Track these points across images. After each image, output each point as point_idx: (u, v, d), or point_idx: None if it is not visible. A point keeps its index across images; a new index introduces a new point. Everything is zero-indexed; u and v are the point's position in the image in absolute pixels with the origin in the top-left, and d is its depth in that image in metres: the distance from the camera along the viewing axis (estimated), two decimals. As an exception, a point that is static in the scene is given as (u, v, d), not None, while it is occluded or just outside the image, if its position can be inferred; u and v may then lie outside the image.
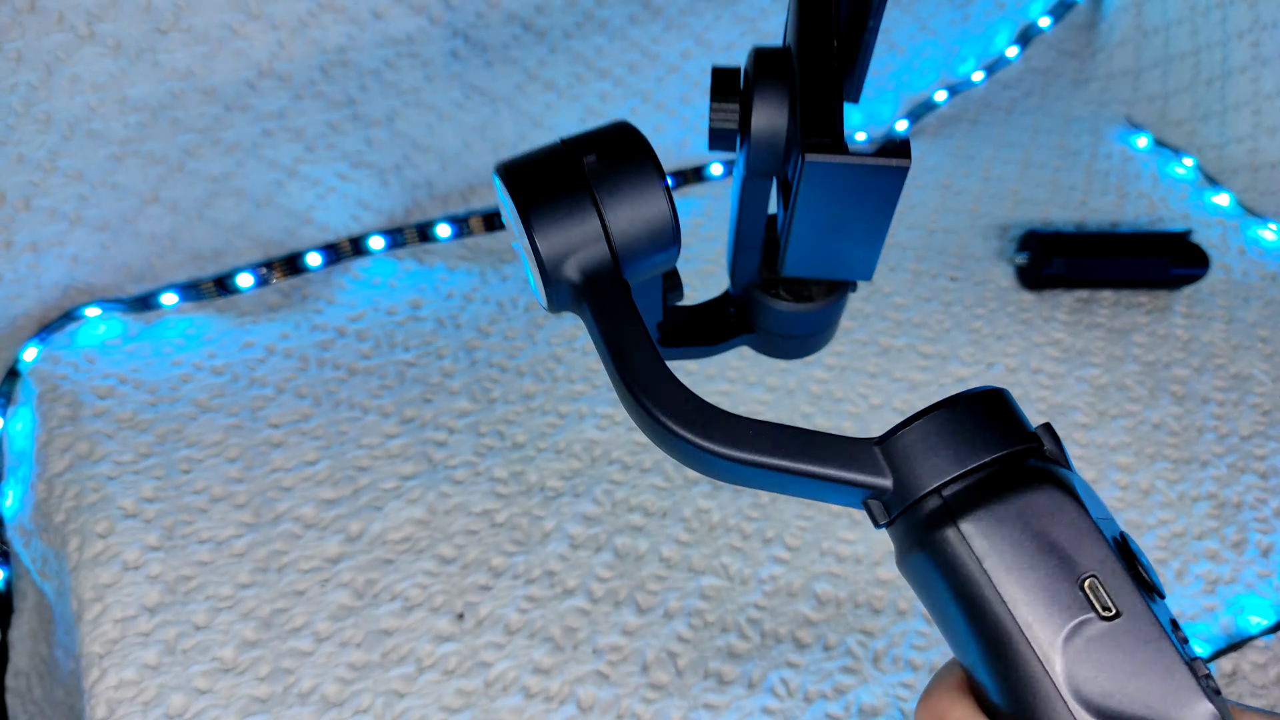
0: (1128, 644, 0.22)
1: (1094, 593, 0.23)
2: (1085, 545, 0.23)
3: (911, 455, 0.24)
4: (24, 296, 0.60)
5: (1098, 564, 0.23)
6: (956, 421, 0.24)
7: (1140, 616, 0.22)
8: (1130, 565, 0.23)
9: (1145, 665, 0.22)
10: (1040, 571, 0.23)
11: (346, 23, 0.60)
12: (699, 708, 0.45)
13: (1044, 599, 0.23)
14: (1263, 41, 0.74)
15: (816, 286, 0.35)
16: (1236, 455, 0.59)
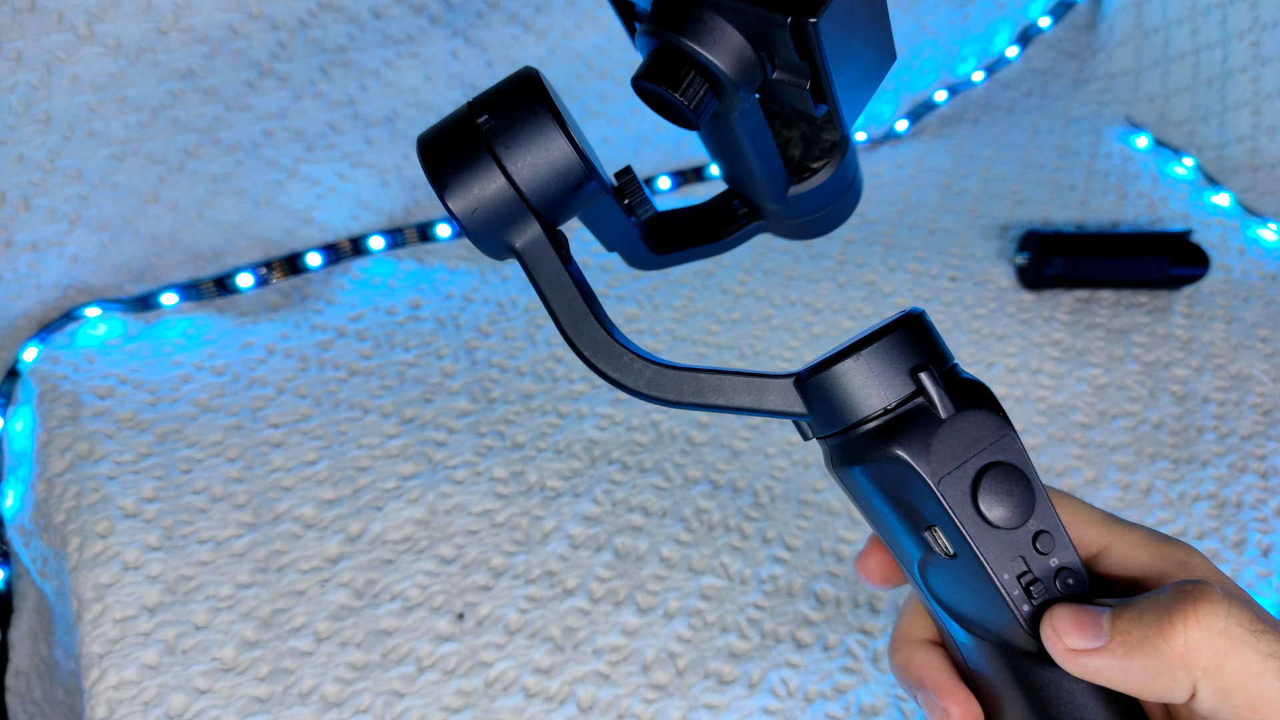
0: (964, 577, 0.28)
1: (934, 539, 0.28)
2: (927, 502, 0.28)
3: (820, 398, 0.29)
4: (24, 296, 0.60)
5: (936, 518, 0.28)
6: (858, 371, 0.28)
7: (971, 559, 0.28)
8: (975, 507, 0.27)
9: (978, 593, 0.28)
10: (896, 517, 0.29)
11: (346, 23, 0.60)
12: (699, 708, 0.45)
13: (901, 538, 0.29)
14: (1263, 41, 0.74)
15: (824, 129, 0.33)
16: (1236, 455, 0.59)
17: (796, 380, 0.29)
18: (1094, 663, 0.26)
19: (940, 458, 0.27)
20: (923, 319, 0.29)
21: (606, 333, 0.29)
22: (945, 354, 0.29)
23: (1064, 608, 0.27)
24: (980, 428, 0.28)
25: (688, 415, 0.58)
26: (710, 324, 0.65)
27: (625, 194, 0.31)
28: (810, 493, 0.54)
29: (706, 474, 0.55)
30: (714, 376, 0.29)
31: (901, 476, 0.28)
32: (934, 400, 0.28)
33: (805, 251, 0.71)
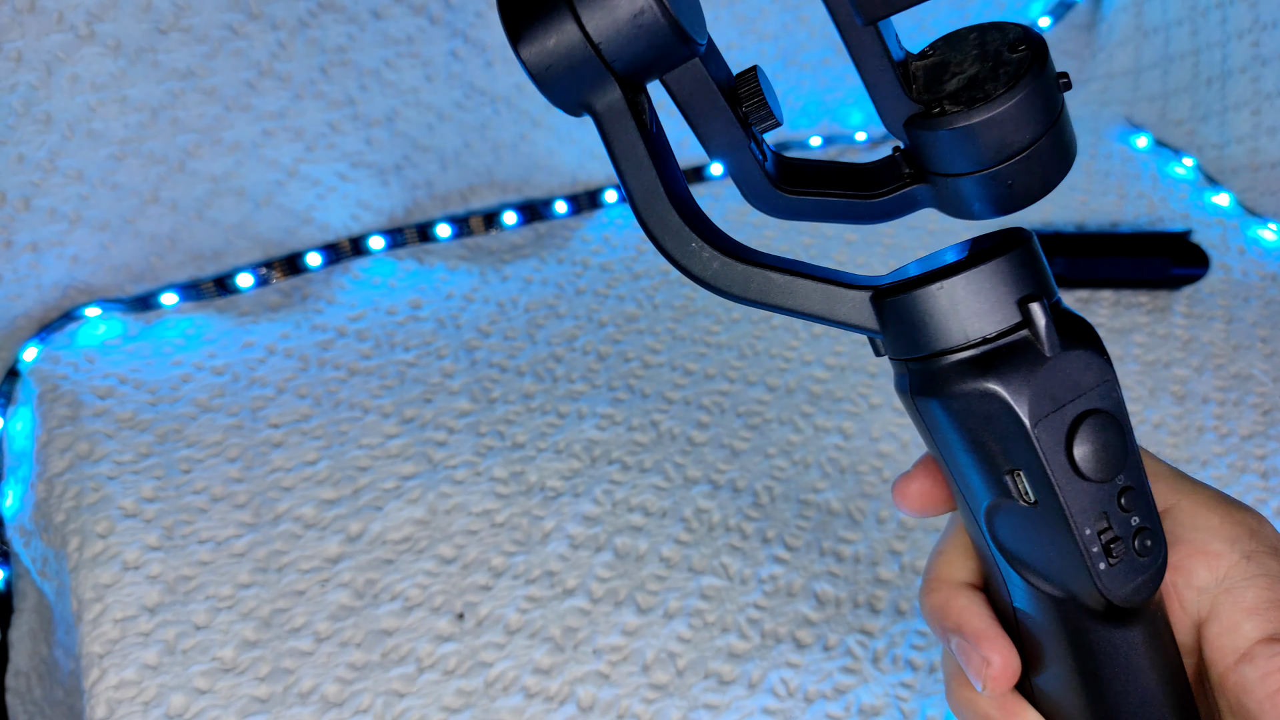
0: (1041, 526, 0.26)
1: (1016, 483, 0.26)
2: (1016, 445, 0.25)
3: (902, 319, 0.26)
4: (24, 296, 0.60)
5: (1024, 462, 0.26)
6: (956, 292, 0.25)
7: (1053, 509, 0.26)
8: (1069, 455, 0.25)
9: (1052, 544, 0.26)
10: (975, 456, 0.26)
11: (346, 23, 0.60)
12: (699, 708, 0.45)
13: (974, 478, 0.27)
14: (1263, 41, 0.74)
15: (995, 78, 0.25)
16: (1236, 455, 0.59)
17: (874, 295, 0.27)
18: None
19: (1040, 399, 0.25)
20: (1033, 242, 0.26)
21: (678, 214, 0.27)
22: (1052, 285, 0.26)
23: None
24: (1084, 370, 0.26)
25: (688, 415, 0.58)
26: (710, 324, 0.65)
27: (741, 98, 0.27)
28: (810, 493, 0.54)
29: (706, 474, 0.55)
30: (786, 276, 0.27)
31: (993, 414, 0.25)
32: (1041, 335, 0.25)
33: (805, 252, 0.71)
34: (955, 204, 0.27)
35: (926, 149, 0.26)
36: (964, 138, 0.25)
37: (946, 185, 0.27)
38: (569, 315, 0.65)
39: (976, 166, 0.26)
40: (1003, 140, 0.25)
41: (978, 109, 0.25)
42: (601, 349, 0.63)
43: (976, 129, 0.25)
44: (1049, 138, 0.26)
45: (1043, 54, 0.25)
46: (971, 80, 0.26)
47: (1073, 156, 0.27)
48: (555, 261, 0.69)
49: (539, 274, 0.68)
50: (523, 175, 0.72)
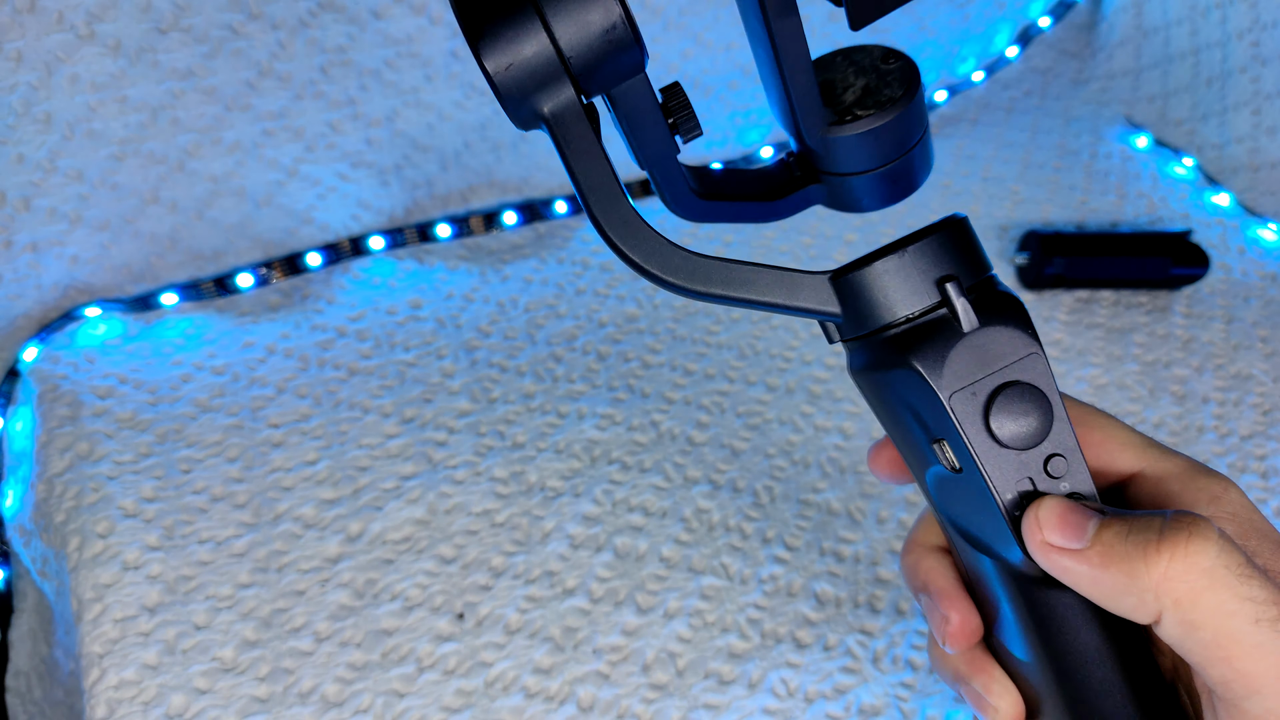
0: (968, 493, 0.28)
1: (942, 452, 0.28)
2: (936, 416, 0.27)
3: (852, 299, 0.28)
4: (24, 296, 0.60)
5: (945, 432, 0.27)
6: (888, 274, 0.27)
7: (975, 476, 0.27)
8: (986, 424, 0.27)
9: (980, 509, 0.28)
10: (906, 427, 0.29)
11: (346, 23, 0.60)
12: (699, 708, 0.45)
13: (911, 447, 0.29)
14: (1263, 41, 0.74)
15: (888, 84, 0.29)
16: (1236, 455, 0.59)
17: (832, 277, 0.29)
18: (1067, 563, 0.26)
19: (955, 372, 0.27)
20: (964, 225, 0.28)
21: (635, 213, 0.28)
22: (983, 263, 0.28)
23: (1053, 501, 0.27)
24: (1004, 344, 0.27)
25: (688, 415, 0.58)
26: (710, 324, 0.65)
27: (671, 110, 0.28)
28: (810, 493, 0.54)
29: (706, 474, 0.55)
30: (746, 269, 0.28)
31: (915, 387, 0.27)
32: (957, 312, 0.27)
33: (805, 252, 0.71)
34: (846, 200, 0.31)
35: (838, 152, 0.29)
36: (876, 137, 0.28)
37: (840, 184, 0.30)
38: (569, 315, 0.65)
39: (879, 163, 0.29)
40: (903, 137, 0.29)
41: (888, 109, 0.28)
42: (601, 349, 0.63)
43: (890, 127, 0.28)
44: (927, 136, 0.30)
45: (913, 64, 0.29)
46: (866, 90, 0.29)
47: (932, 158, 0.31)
48: (555, 261, 0.69)
49: (539, 274, 0.68)
50: (523, 175, 0.72)
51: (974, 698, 0.31)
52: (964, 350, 0.27)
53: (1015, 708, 0.31)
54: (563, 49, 0.25)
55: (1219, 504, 0.28)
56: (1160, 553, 0.25)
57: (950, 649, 0.31)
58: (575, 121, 0.26)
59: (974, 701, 0.31)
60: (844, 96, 0.29)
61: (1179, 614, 0.25)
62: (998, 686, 0.31)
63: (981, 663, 0.31)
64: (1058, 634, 0.28)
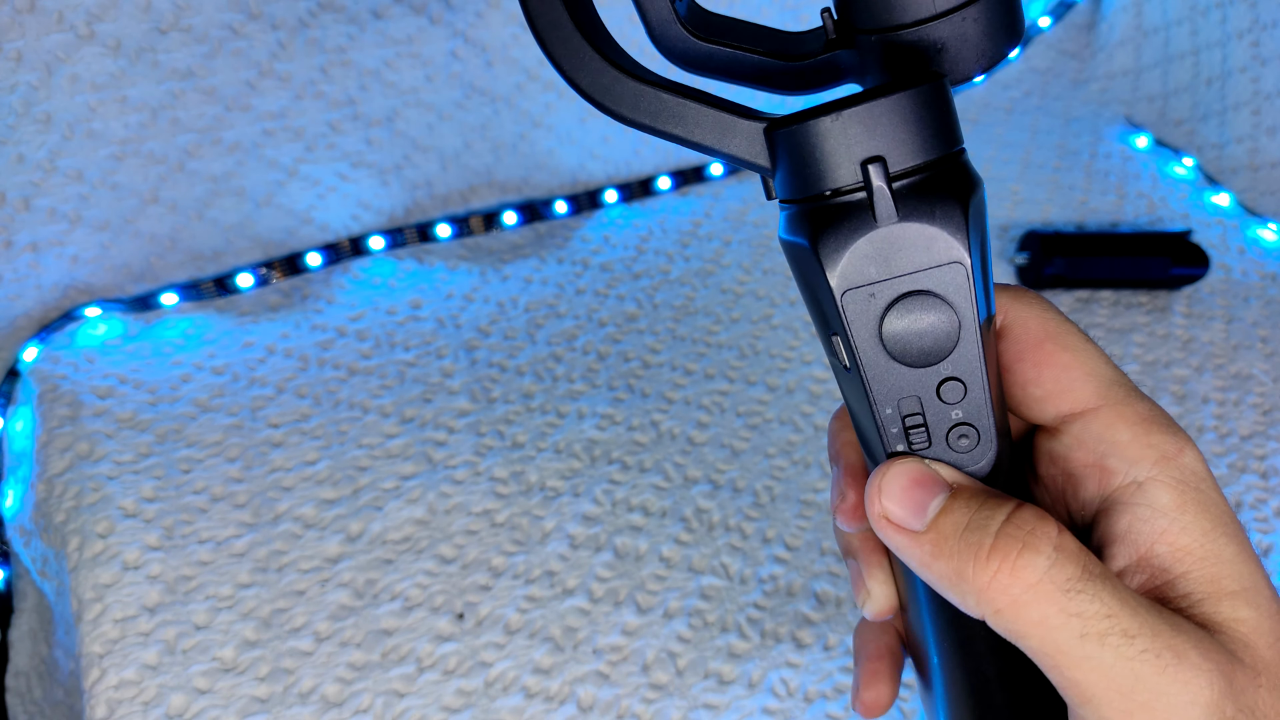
0: (855, 394, 0.26)
1: (835, 345, 0.26)
2: (830, 308, 0.25)
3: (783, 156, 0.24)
4: (24, 296, 0.60)
5: (838, 327, 0.25)
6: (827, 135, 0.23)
7: (859, 380, 0.25)
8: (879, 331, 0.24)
9: (861, 415, 0.26)
10: (814, 311, 0.26)
11: (346, 23, 0.60)
12: (699, 708, 0.45)
13: (818, 329, 0.26)
14: (1263, 41, 0.74)
15: None
16: (1236, 455, 0.59)
17: (767, 128, 0.25)
18: (901, 542, 0.25)
19: (855, 268, 0.24)
20: (939, 89, 0.24)
21: (571, 19, 0.25)
22: (945, 138, 0.24)
23: (902, 468, 0.25)
24: (923, 246, 0.24)
25: (688, 415, 0.58)
26: (710, 324, 0.65)
27: None
28: (810, 493, 0.54)
29: (706, 474, 0.55)
30: (679, 99, 0.25)
31: (814, 273, 0.24)
32: (874, 201, 0.23)
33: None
34: (878, 74, 0.26)
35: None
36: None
37: (872, 49, 0.25)
38: (569, 315, 0.65)
39: (912, 17, 0.24)
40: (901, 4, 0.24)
41: None
42: (601, 349, 0.63)
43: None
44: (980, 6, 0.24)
45: None
46: None
47: (1016, 36, 0.25)
48: (555, 261, 0.69)
49: (539, 274, 0.68)
50: (523, 175, 0.72)
51: (854, 576, 0.31)
52: (871, 244, 0.24)
53: (887, 600, 0.30)
54: None
55: (1167, 465, 0.25)
56: (989, 560, 0.23)
57: (841, 524, 0.30)
58: None
59: (853, 579, 0.31)
60: None
61: (1001, 623, 0.24)
62: (878, 574, 0.30)
63: (872, 546, 0.30)
64: None
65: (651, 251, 0.70)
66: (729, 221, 0.73)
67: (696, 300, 0.67)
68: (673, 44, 0.27)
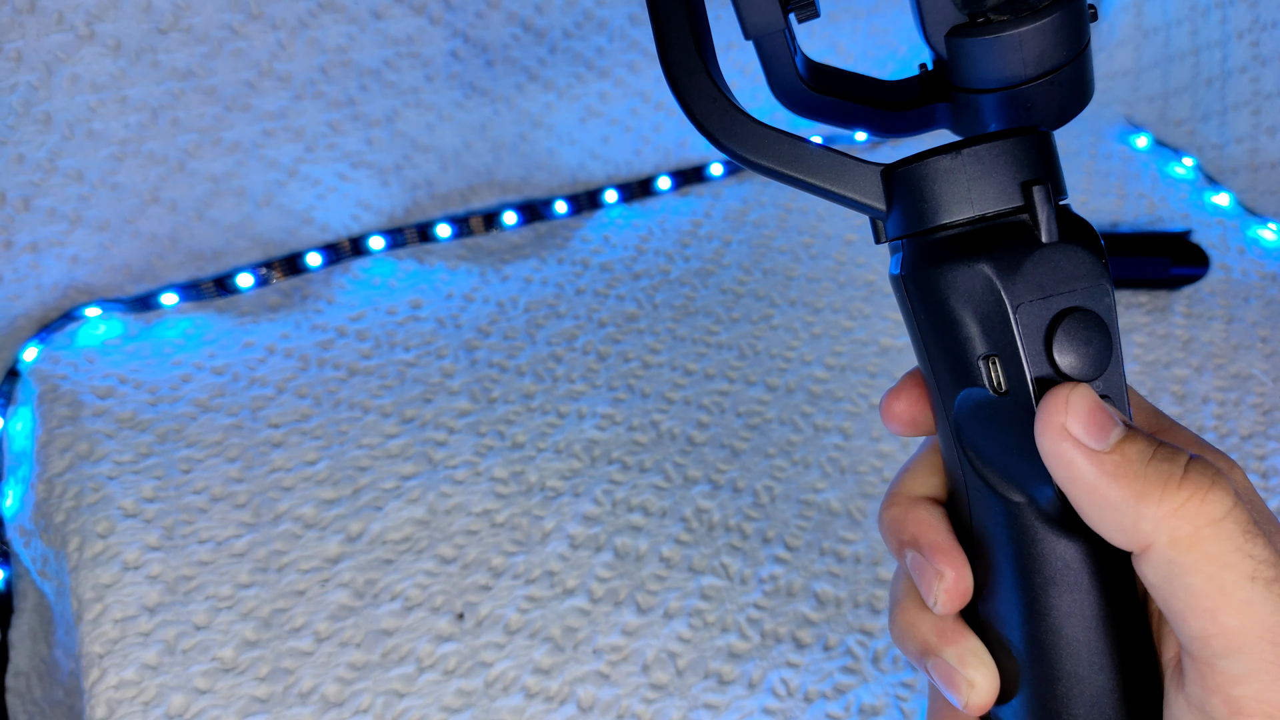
0: (1007, 420, 0.26)
1: (989, 369, 0.26)
2: (995, 327, 0.25)
3: (907, 192, 0.26)
4: (24, 296, 0.60)
5: (1001, 347, 0.25)
6: (961, 167, 0.25)
7: (1023, 400, 0.25)
8: (1047, 346, 0.25)
9: (1016, 441, 0.26)
10: (954, 337, 0.26)
11: (346, 23, 0.60)
12: (699, 708, 0.45)
13: (950, 362, 0.27)
14: (1263, 41, 0.74)
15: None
16: (1236, 455, 0.59)
17: (884, 171, 0.27)
18: (1076, 458, 0.24)
19: (1027, 283, 0.25)
20: (1050, 139, 0.26)
21: (704, 66, 0.27)
22: (1062, 183, 0.26)
23: (1087, 392, 0.25)
24: (1078, 266, 0.25)
25: (688, 415, 0.58)
26: (710, 324, 0.65)
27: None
28: (810, 493, 0.54)
29: (706, 474, 0.55)
30: (800, 146, 0.27)
31: (977, 292, 0.25)
32: (1040, 220, 0.25)
33: (805, 251, 0.71)
34: (972, 124, 0.28)
35: (964, 60, 0.27)
36: (1006, 48, 0.26)
37: (968, 103, 0.28)
38: (569, 315, 0.65)
39: (1008, 82, 0.26)
40: (1040, 55, 0.26)
41: (1026, 19, 0.25)
42: (601, 349, 0.63)
43: (1021, 39, 0.26)
44: (1075, 64, 0.26)
45: None
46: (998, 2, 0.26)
47: (1088, 96, 0.28)
48: (555, 261, 0.69)
49: (539, 274, 0.68)
50: (523, 175, 0.72)
51: (945, 672, 0.28)
52: (1040, 262, 0.25)
53: (991, 683, 0.28)
54: None
55: None
56: (1180, 488, 0.23)
57: (940, 608, 0.28)
58: None
59: (944, 676, 0.28)
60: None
61: (1173, 552, 0.23)
62: (975, 659, 0.28)
63: (957, 632, 0.28)
64: (1064, 593, 0.27)
65: (651, 251, 0.70)
66: (729, 221, 0.73)
67: (696, 300, 0.67)
68: (792, 94, 0.30)
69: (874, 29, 0.80)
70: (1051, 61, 0.26)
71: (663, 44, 0.27)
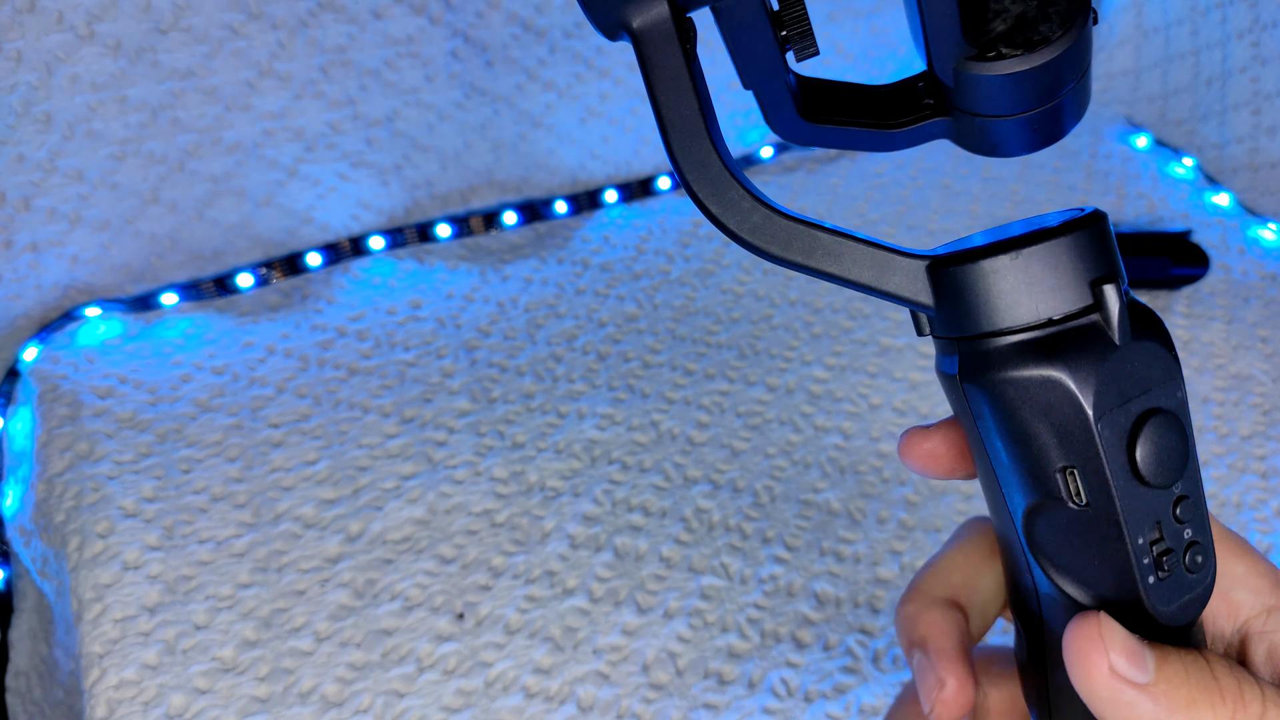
0: (1089, 531, 0.24)
1: (1068, 482, 0.24)
2: (1075, 440, 0.23)
3: (958, 293, 0.24)
4: (24, 296, 0.60)
5: (1080, 460, 0.23)
6: (1022, 268, 0.23)
7: (1107, 513, 0.23)
8: (1129, 455, 0.23)
9: (1100, 552, 0.24)
10: (1024, 449, 0.24)
11: (346, 23, 0.60)
12: (699, 708, 0.45)
13: (1019, 474, 0.24)
14: (1263, 41, 0.74)
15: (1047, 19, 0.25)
16: (1236, 455, 0.59)
17: (931, 265, 0.24)
18: (1132, 695, 0.23)
19: (1106, 391, 0.23)
20: (1106, 222, 0.25)
21: (718, 156, 0.24)
22: (1123, 270, 0.25)
23: (1111, 621, 0.23)
24: (1151, 364, 0.24)
25: (688, 415, 0.58)
26: (710, 324, 0.65)
27: (784, 21, 0.25)
28: (810, 493, 0.54)
29: (706, 474, 0.55)
30: (834, 238, 0.25)
31: (1054, 404, 0.23)
32: (1113, 321, 0.23)
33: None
34: (978, 141, 0.27)
35: (973, 91, 0.25)
36: (1019, 83, 0.24)
37: (972, 123, 0.26)
38: (569, 315, 0.65)
39: (1020, 109, 0.25)
40: (1051, 84, 0.24)
41: (1038, 53, 0.24)
42: (601, 349, 0.63)
43: (1034, 74, 0.24)
44: (1083, 81, 0.25)
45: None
46: (1020, 20, 0.24)
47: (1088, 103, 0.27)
48: (555, 261, 0.69)
49: (539, 274, 0.68)
50: (523, 175, 0.72)
51: None
52: (1117, 366, 0.23)
53: None
54: None
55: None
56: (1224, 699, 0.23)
57: (934, 717, 0.27)
58: (664, 42, 0.24)
59: None
60: (993, 24, 0.24)
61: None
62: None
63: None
64: None
65: (651, 251, 0.70)
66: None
67: (696, 300, 0.67)
68: (791, 129, 0.28)
69: (874, 29, 0.80)
70: (1062, 87, 0.25)
71: (666, 130, 0.25)
